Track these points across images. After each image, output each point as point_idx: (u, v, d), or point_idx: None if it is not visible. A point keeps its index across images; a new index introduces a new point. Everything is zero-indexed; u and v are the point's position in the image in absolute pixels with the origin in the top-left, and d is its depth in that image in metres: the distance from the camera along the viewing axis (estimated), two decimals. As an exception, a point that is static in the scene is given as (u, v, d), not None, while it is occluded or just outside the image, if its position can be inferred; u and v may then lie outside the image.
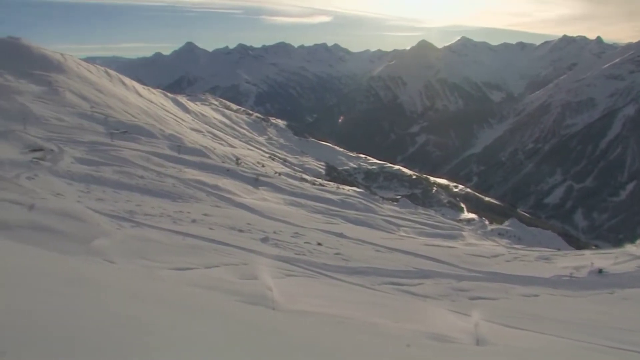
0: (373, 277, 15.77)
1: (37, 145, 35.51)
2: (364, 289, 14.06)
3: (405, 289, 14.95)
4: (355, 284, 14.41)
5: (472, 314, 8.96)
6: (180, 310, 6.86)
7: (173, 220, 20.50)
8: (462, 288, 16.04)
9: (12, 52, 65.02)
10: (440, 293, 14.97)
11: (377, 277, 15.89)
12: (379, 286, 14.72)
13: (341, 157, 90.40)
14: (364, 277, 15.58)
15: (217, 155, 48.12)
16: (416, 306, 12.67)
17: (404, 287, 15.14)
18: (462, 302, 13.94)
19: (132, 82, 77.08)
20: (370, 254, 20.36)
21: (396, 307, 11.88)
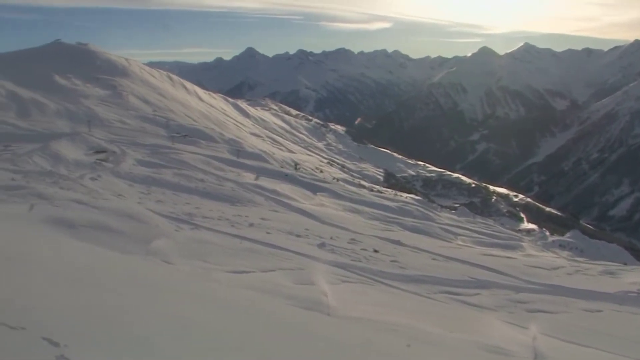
0: (429, 285, 15.63)
1: (100, 147, 36.58)
2: (419, 297, 13.95)
3: (461, 299, 14.76)
4: (410, 292, 14.31)
5: (530, 327, 8.81)
6: (235, 313, 6.96)
7: (231, 224, 20.72)
8: (520, 300, 15.70)
9: (80, 57, 67.15)
10: (497, 304, 14.71)
11: (433, 285, 15.73)
12: (435, 295, 14.58)
13: (400, 164, 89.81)
14: (420, 285, 15.45)
15: (276, 160, 48.51)
16: (472, 316, 12.50)
17: (460, 297, 14.95)
18: (519, 315, 13.66)
19: (193, 87, 78.38)
20: (426, 262, 20.18)
21: (451, 316, 11.77)
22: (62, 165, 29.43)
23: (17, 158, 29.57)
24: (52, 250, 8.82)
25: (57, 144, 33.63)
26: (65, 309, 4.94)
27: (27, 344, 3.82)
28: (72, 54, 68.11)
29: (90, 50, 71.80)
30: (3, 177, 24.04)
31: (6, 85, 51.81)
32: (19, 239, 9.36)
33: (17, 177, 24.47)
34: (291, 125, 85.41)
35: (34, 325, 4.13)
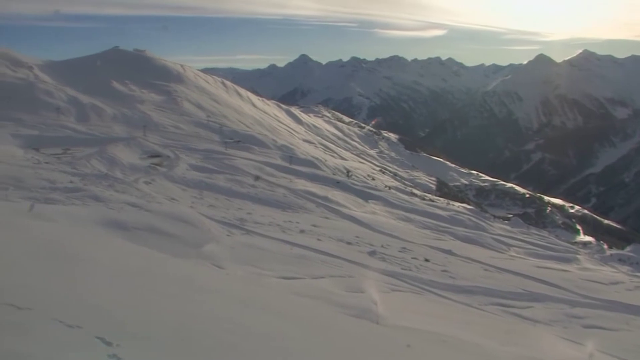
0: (480, 296, 15.39)
1: (155, 151, 37.27)
2: (470, 308, 13.74)
3: (513, 311, 14.48)
4: (461, 302, 14.11)
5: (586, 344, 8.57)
6: (285, 319, 6.96)
7: (282, 230, 20.81)
8: (576, 315, 15.29)
9: (137, 63, 68.62)
10: (551, 318, 14.36)
11: (485, 297, 15.48)
12: (486, 307, 14.35)
13: (452, 172, 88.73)
14: (471, 296, 15.23)
15: (328, 167, 48.51)
16: (524, 330, 12.25)
17: (512, 309, 14.67)
18: (575, 330, 13.31)
19: (247, 93, 79.13)
20: (478, 272, 19.89)
21: (503, 329, 11.54)
22: (117, 168, 30.08)
23: (76, 161, 30.39)
24: (107, 252, 9.00)
25: (113, 148, 34.42)
26: (119, 310, 5.03)
27: (82, 342, 3.91)
28: (129, 60, 69.67)
29: (146, 56, 73.32)
30: (62, 179, 24.73)
31: (67, 90, 53.36)
32: (76, 240, 9.58)
33: (75, 180, 25.13)
34: (344, 133, 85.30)
35: (89, 324, 4.22)
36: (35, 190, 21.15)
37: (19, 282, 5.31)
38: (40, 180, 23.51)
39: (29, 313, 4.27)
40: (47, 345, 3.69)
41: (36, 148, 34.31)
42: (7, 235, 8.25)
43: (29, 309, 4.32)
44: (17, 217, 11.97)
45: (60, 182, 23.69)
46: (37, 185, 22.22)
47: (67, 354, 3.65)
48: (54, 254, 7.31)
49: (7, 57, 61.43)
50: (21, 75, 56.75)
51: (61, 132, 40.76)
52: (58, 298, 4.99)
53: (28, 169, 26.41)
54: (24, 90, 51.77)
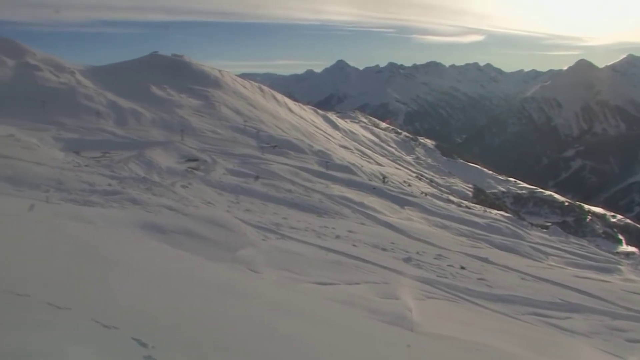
0: (517, 306, 15.16)
1: (192, 155, 37.64)
2: (506, 317, 13.56)
3: (551, 322, 14.22)
4: (497, 311, 13.93)
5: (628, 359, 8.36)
6: (319, 325, 6.95)
7: (317, 235, 20.82)
8: (618, 327, 14.91)
9: (176, 68, 69.40)
10: (590, 330, 14.06)
11: (522, 306, 15.25)
12: (523, 316, 14.13)
13: (490, 179, 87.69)
14: (508, 305, 15.02)
15: (364, 172, 48.38)
16: (562, 341, 12.03)
17: (550, 320, 14.41)
18: (617, 343, 12.99)
19: (283, 98, 79.38)
20: (515, 281, 19.61)
21: (540, 340, 11.36)
22: (155, 172, 30.45)
23: (114, 164, 30.86)
24: (143, 254, 9.10)
25: (151, 152, 34.86)
26: (155, 312, 5.08)
27: (118, 343, 3.96)
28: (168, 65, 70.49)
29: (185, 61, 74.09)
30: (101, 182, 25.13)
31: (107, 95, 54.26)
32: (114, 242, 9.71)
33: (113, 183, 25.53)
34: (380, 138, 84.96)
35: (125, 325, 4.27)
36: (74, 192, 21.52)
37: (59, 282, 5.40)
38: (80, 183, 23.93)
39: (68, 313, 4.35)
40: (84, 345, 3.73)
41: (76, 151, 34.95)
42: (48, 237, 8.40)
43: (67, 309, 4.40)
44: (58, 219, 12.18)
45: (99, 185, 24.08)
46: (76, 188, 22.62)
47: (104, 354, 3.70)
48: (92, 255, 7.41)
49: (51, 63, 62.75)
50: (64, 80, 57.89)
51: (101, 135, 41.47)
52: (95, 299, 5.06)
53: (68, 172, 26.89)
54: (66, 94, 52.84)
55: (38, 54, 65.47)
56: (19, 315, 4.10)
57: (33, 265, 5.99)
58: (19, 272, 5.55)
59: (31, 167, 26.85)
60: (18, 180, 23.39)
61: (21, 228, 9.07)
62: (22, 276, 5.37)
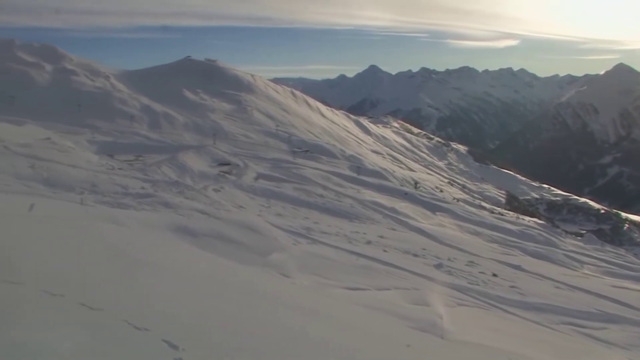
0: (550, 315, 14.90)
1: (224, 159, 37.89)
2: (539, 326, 13.34)
3: (586, 332, 13.95)
4: (530, 320, 13.71)
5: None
6: (349, 330, 6.92)
7: (348, 240, 20.78)
8: (656, 339, 14.52)
9: (209, 73, 70.02)
10: (628, 342, 13.73)
11: (555, 315, 14.99)
12: (557, 326, 13.88)
13: (523, 186, 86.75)
14: (541, 314, 14.77)
15: (396, 178, 48.21)
16: (598, 352, 11.80)
17: (584, 330, 14.13)
18: (656, 356, 12.67)
19: (316, 103, 79.51)
20: (548, 290, 19.30)
21: (575, 350, 11.16)
22: (187, 176, 30.69)
23: (147, 168, 31.18)
24: (175, 257, 9.16)
25: (184, 156, 35.15)
26: (186, 314, 5.11)
27: (149, 345, 4.00)
28: (201, 70, 71.12)
29: (218, 66, 74.68)
30: (134, 185, 25.42)
31: (141, 99, 54.95)
32: (146, 245, 9.79)
33: (146, 186, 25.81)
34: (412, 144, 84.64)
35: (156, 327, 4.32)
36: (108, 195, 21.79)
37: (92, 283, 5.47)
38: (114, 186, 24.23)
39: (100, 313, 4.41)
40: (116, 346, 3.80)
41: (110, 154, 35.40)
42: (82, 238, 8.50)
43: (100, 310, 4.46)
44: (91, 221, 12.33)
45: (132, 188, 24.35)
46: (110, 191, 22.89)
47: (135, 355, 3.72)
48: (124, 257, 7.49)
49: (87, 68, 63.77)
50: (99, 84, 58.79)
51: (134, 139, 41.96)
52: (127, 300, 5.12)
53: (102, 175, 27.24)
54: (101, 98, 53.66)
55: (75, 59, 66.62)
56: (54, 315, 4.17)
57: (67, 267, 6.08)
58: (54, 272, 5.63)
59: (66, 170, 27.26)
60: (53, 182, 23.80)
61: (56, 230, 9.19)
62: (57, 277, 5.46)
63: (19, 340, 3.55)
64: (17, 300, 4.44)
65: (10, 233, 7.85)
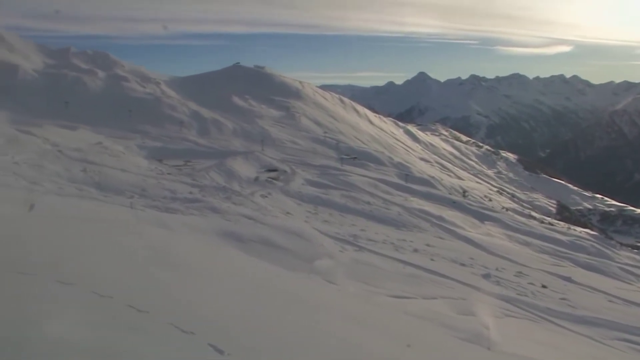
0: (603, 329, 14.46)
1: (272, 165, 38.11)
2: (591, 341, 12.96)
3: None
4: (581, 334, 13.34)
5: None
6: (393, 339, 6.83)
7: (395, 248, 20.65)
8: None
9: (257, 79, 70.70)
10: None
11: (608, 330, 14.53)
12: (610, 341, 13.46)
13: (575, 195, 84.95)
14: (593, 328, 14.35)
15: (444, 186, 47.77)
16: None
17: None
18: None
19: (364, 110, 79.48)
20: (601, 303, 18.76)
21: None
22: (235, 181, 30.98)
23: (196, 173, 31.60)
24: (221, 262, 9.20)
25: (232, 161, 35.51)
26: (232, 319, 5.12)
27: (195, 348, 3.99)
28: (249, 76, 71.88)
29: (266, 73, 75.36)
30: (182, 190, 25.78)
31: (190, 105, 55.78)
32: (194, 249, 9.86)
33: (194, 191, 26.14)
34: (461, 152, 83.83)
35: (202, 331, 4.31)
36: (157, 199, 22.13)
37: (139, 286, 5.54)
38: (162, 190, 24.61)
39: (147, 316, 4.44)
40: (162, 349, 3.80)
41: (159, 159, 36.01)
42: (131, 241, 8.61)
43: (146, 312, 4.49)
44: (140, 225, 12.50)
45: (180, 193, 24.69)
46: (159, 195, 23.26)
47: (181, 359, 3.74)
48: (172, 261, 7.56)
49: (138, 74, 65.07)
50: (149, 90, 59.93)
51: (183, 144, 42.59)
52: (174, 303, 5.16)
53: (151, 179, 27.71)
54: (151, 104, 54.68)
55: (126, 66, 68.08)
56: (103, 316, 4.22)
57: (116, 269, 6.18)
58: (103, 274, 5.73)
59: (117, 174, 27.82)
60: (104, 186, 24.30)
61: (106, 232, 9.35)
62: (106, 278, 5.54)
63: (66, 338, 3.59)
64: (67, 300, 4.51)
65: (62, 235, 8.03)
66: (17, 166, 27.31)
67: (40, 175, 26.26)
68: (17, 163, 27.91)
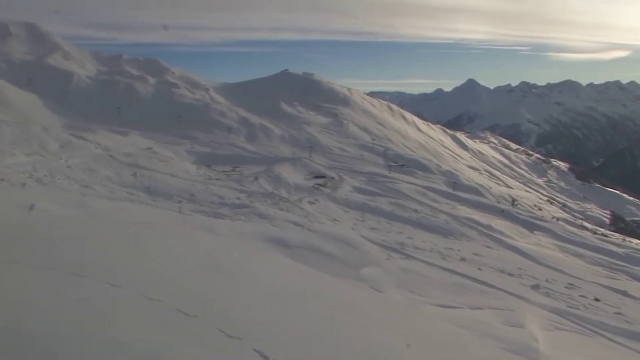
0: (662, 347, 13.94)
1: (320, 172, 38.16)
2: (648, 358, 12.51)
3: None
4: (638, 351, 12.88)
5: None
6: (438, 348, 6.75)
7: (442, 257, 20.45)
8: None
9: (305, 86, 71.08)
10: None
11: (668, 348, 14.00)
12: (670, 360, 12.97)
13: (630, 206, 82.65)
14: (650, 344, 13.85)
15: (493, 194, 47.13)
16: None
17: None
18: None
19: (412, 117, 79.11)
20: (660, 319, 18.13)
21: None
22: (283, 187, 31.13)
23: (244, 179, 31.87)
24: (268, 268, 9.22)
25: (279, 168, 35.71)
26: (278, 325, 5.13)
27: (240, 354, 4.04)
28: (298, 83, 72.32)
29: (315, 79, 75.66)
30: (230, 195, 26.04)
31: (239, 111, 56.38)
32: (240, 254, 9.91)
33: (242, 197, 26.38)
34: (510, 160, 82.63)
35: (248, 336, 4.37)
36: (205, 204, 22.38)
37: (188, 290, 5.61)
38: (211, 195, 24.90)
39: (194, 320, 4.51)
40: (209, 353, 3.87)
41: (208, 165, 36.46)
42: (180, 246, 8.70)
43: (194, 316, 4.57)
44: (189, 229, 12.64)
45: (228, 198, 24.94)
46: (207, 200, 23.53)
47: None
48: (219, 266, 7.63)
49: (187, 80, 66.14)
50: (198, 96, 60.88)
51: (231, 150, 43.03)
52: (221, 308, 5.23)
53: (200, 184, 28.05)
54: (200, 110, 55.51)
55: (177, 72, 69.31)
56: (151, 319, 4.33)
57: (165, 273, 6.28)
58: (153, 278, 5.85)
59: (166, 179, 28.27)
60: (154, 190, 24.71)
61: (155, 237, 9.46)
62: (155, 282, 5.66)
63: (116, 340, 3.69)
64: (116, 302, 4.63)
65: (112, 238, 8.18)
66: (70, 170, 28.04)
67: (92, 179, 26.89)
68: (70, 167, 28.66)
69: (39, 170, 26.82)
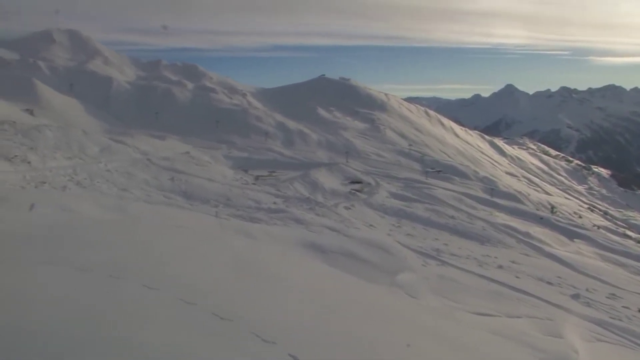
0: None
1: (356, 177, 38.13)
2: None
3: None
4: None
5: None
6: (476, 357, 6.66)
7: (479, 264, 20.24)
8: None
9: (343, 91, 71.19)
10: None
11: None
12: None
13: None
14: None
15: (531, 201, 46.50)
16: None
17: None
18: None
19: (450, 123, 78.61)
20: None
21: None
22: (319, 192, 31.16)
23: (280, 183, 32.00)
24: (304, 273, 9.23)
25: (316, 173, 35.75)
26: (312, 330, 5.13)
27: (275, 358, 4.04)
28: (335, 88, 72.46)
29: (352, 85, 75.72)
30: (266, 200, 26.15)
31: (276, 116, 56.67)
32: (276, 259, 9.95)
33: (278, 201, 26.48)
34: (549, 166, 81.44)
35: (283, 341, 4.36)
36: (241, 208, 22.51)
37: (223, 295, 5.66)
38: (247, 200, 25.04)
39: (230, 324, 4.53)
40: (244, 357, 3.87)
41: (245, 169, 36.69)
42: (215, 250, 8.76)
43: (229, 320, 4.59)
44: (225, 234, 12.71)
45: (264, 203, 25.05)
46: (243, 204, 23.66)
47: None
48: (255, 271, 7.66)
49: (225, 85, 66.76)
50: (236, 101, 61.42)
51: (268, 155, 43.25)
52: (256, 313, 5.22)
53: (236, 189, 28.24)
54: (237, 115, 55.95)
55: (214, 77, 70.02)
56: (187, 323, 4.34)
57: (201, 277, 6.34)
58: (189, 281, 5.89)
59: (203, 183, 28.53)
60: (191, 194, 24.97)
61: (192, 241, 9.55)
62: (191, 285, 5.68)
63: (152, 342, 3.73)
64: (153, 305, 4.68)
65: (149, 241, 8.27)
66: (109, 174, 28.51)
67: (130, 183, 27.30)
68: (109, 171, 29.14)
69: (79, 173, 27.37)
